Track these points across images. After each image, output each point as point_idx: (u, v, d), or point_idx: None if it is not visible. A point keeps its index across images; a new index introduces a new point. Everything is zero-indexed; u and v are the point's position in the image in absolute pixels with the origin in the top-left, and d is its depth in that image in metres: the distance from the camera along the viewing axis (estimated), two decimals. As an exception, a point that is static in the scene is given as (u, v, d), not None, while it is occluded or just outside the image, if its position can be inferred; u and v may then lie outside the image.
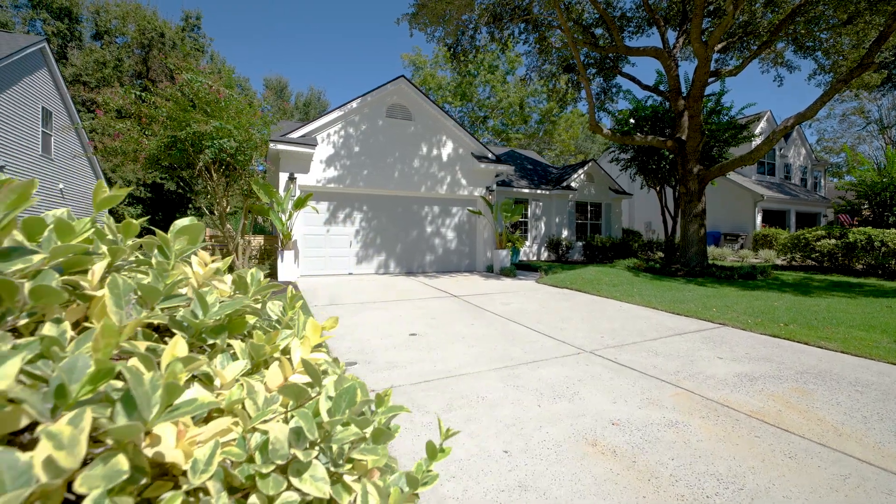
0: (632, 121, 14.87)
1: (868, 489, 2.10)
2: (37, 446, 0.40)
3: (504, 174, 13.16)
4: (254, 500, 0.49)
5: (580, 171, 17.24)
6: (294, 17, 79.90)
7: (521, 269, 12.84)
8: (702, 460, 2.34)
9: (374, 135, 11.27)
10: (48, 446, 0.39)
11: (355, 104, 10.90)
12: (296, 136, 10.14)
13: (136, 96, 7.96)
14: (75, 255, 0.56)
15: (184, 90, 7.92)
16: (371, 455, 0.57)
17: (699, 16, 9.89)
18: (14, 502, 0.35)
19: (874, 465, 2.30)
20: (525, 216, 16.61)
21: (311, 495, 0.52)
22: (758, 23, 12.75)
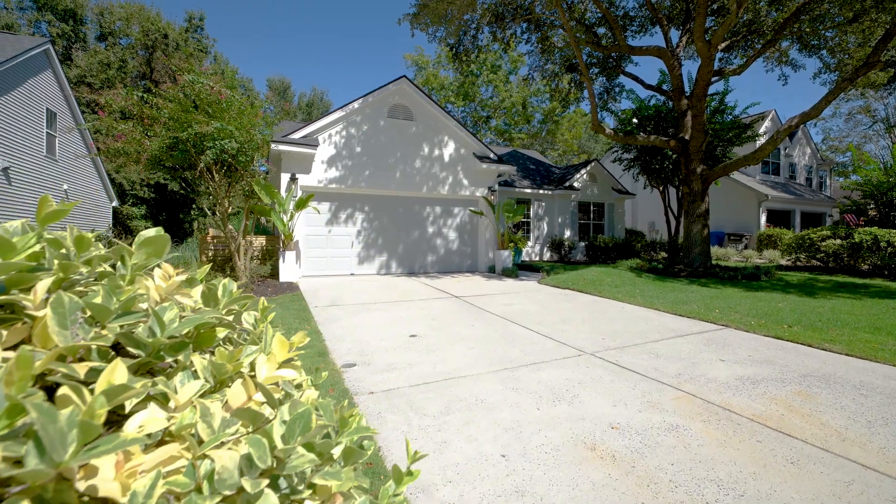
0: (635, 120, 14.77)
1: (871, 496, 2.06)
2: None
3: (506, 174, 13.12)
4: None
5: (583, 171, 17.17)
6: (297, 18, 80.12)
7: (523, 269, 12.80)
8: (702, 465, 2.31)
9: (376, 135, 11.26)
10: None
11: (357, 104, 10.89)
12: (297, 136, 10.14)
13: (139, 97, 7.98)
14: (18, 273, 0.54)
15: (186, 91, 7.94)
16: (334, 480, 0.55)
17: (702, 15, 9.82)
18: None
19: (878, 472, 2.26)
20: (527, 216, 16.56)
21: None
22: (762, 21, 12.64)
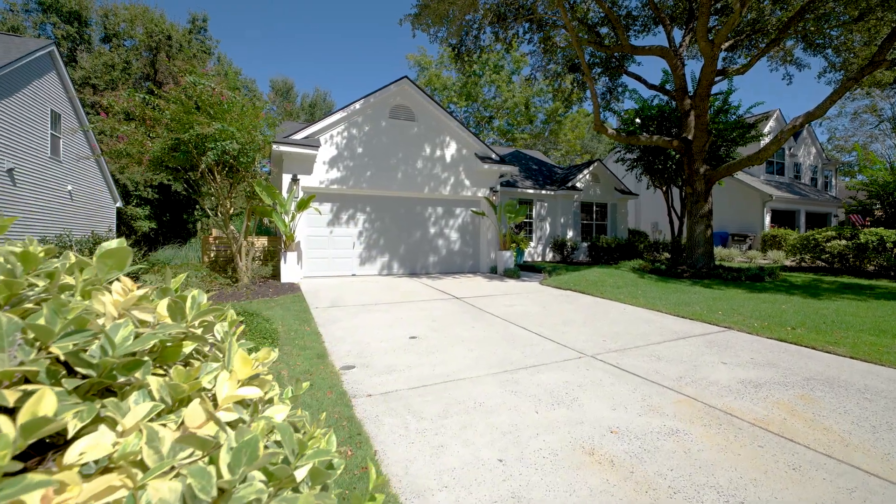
0: (637, 120, 14.69)
1: (875, 504, 2.03)
2: None
3: (508, 175, 13.08)
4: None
5: (585, 171, 17.11)
6: (300, 19, 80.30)
7: (525, 270, 12.76)
8: (702, 471, 2.28)
9: (378, 136, 11.25)
10: None
11: (358, 105, 10.89)
12: (299, 137, 10.15)
13: (141, 99, 8.01)
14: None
15: (188, 92, 7.96)
16: (292, 507, 0.52)
17: (706, 14, 9.75)
18: None
19: (882, 478, 2.22)
20: (530, 217, 16.52)
21: None
22: (766, 20, 12.54)
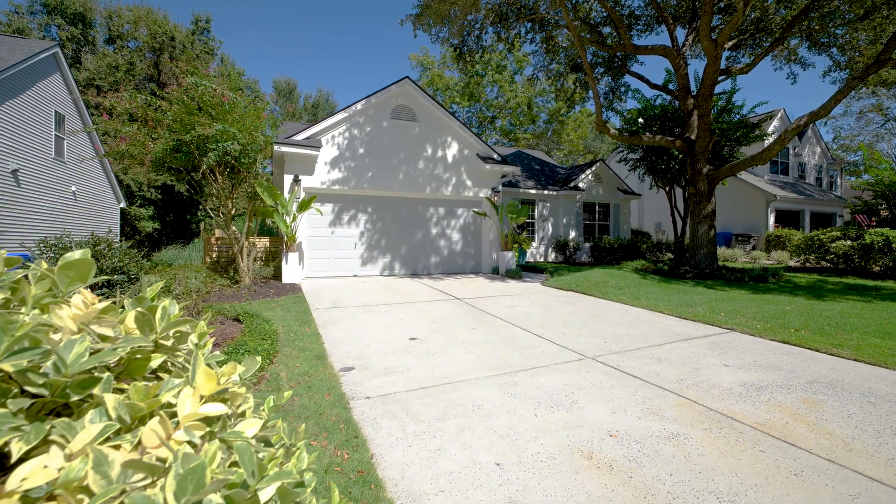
0: (640, 120, 14.64)
1: (878, 511, 2.00)
2: None
3: (510, 175, 13.05)
4: None
5: (588, 171, 17.05)
6: (303, 19, 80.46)
7: (527, 270, 12.72)
8: (702, 476, 2.25)
9: (379, 136, 11.25)
10: None
11: (360, 106, 10.89)
12: (300, 138, 10.16)
13: (143, 100, 8.04)
14: None
15: (189, 93, 7.98)
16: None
17: (709, 13, 9.68)
18: None
19: (886, 485, 2.19)
20: (532, 217, 16.48)
21: None
22: (770, 19, 12.45)
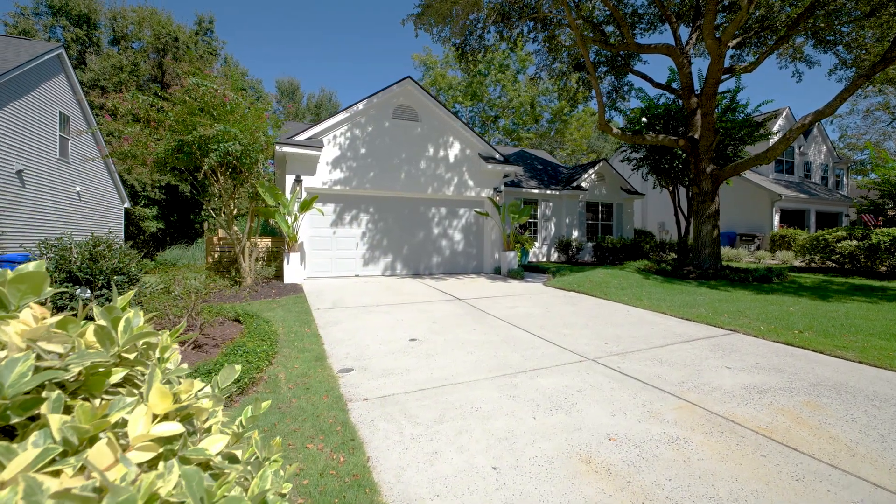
0: (644, 119, 14.53)
1: (881, 518, 1.96)
2: None
3: (512, 174, 13.00)
4: None
5: (591, 170, 16.97)
6: (307, 19, 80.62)
7: (529, 270, 12.68)
8: (701, 481, 2.22)
9: (381, 136, 11.24)
10: None
11: (361, 106, 10.88)
12: (302, 138, 10.17)
13: (145, 101, 8.07)
14: None
15: (191, 94, 8.00)
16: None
17: (712, 11, 9.61)
18: None
19: (890, 491, 2.15)
20: (534, 217, 16.42)
21: None
22: (775, 17, 12.34)
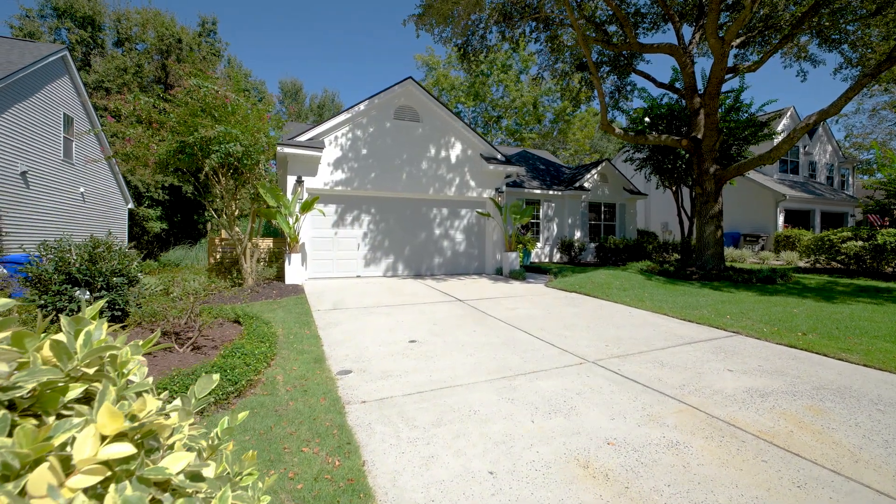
0: (646, 119, 14.46)
1: (884, 526, 1.92)
2: None
3: (514, 175, 12.98)
4: None
5: (593, 171, 16.91)
6: (309, 20, 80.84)
7: (531, 271, 12.64)
8: (701, 487, 2.19)
9: (382, 137, 11.24)
10: None
11: (363, 106, 10.89)
12: (303, 139, 10.18)
13: (147, 102, 8.10)
14: None
15: (192, 95, 8.03)
16: None
17: (715, 10, 9.54)
18: None
19: (893, 498, 2.11)
20: (537, 217, 16.38)
21: None
22: (779, 16, 12.24)
